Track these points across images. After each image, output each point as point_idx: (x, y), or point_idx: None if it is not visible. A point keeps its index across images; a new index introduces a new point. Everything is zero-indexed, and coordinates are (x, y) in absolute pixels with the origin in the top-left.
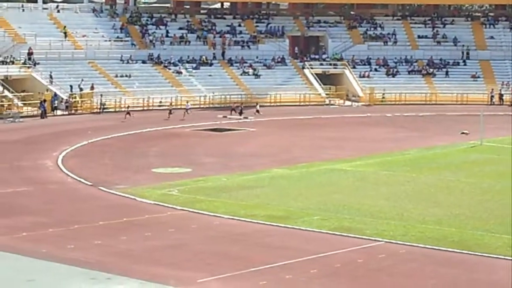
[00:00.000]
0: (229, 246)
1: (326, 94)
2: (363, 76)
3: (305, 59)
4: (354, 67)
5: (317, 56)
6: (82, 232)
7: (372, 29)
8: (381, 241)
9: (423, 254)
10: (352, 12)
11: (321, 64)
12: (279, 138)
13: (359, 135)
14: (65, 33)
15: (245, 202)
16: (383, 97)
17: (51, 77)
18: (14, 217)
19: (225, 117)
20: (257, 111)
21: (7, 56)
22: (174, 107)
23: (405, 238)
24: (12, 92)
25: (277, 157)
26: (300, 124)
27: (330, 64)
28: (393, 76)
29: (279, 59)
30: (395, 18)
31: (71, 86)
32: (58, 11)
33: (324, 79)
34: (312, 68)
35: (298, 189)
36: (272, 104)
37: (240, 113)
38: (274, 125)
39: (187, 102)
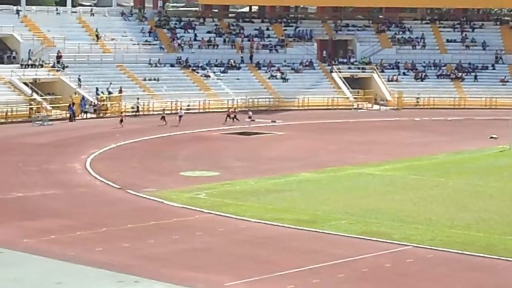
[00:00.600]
0: (256, 249)
1: (354, 98)
2: (392, 80)
3: (333, 63)
4: (382, 71)
5: (345, 60)
6: (110, 235)
7: (400, 33)
8: (409, 245)
9: (451, 259)
10: (380, 16)
11: (349, 68)
12: (307, 142)
13: (387, 139)
14: (97, 36)
15: (273, 206)
16: (417, 101)
17: (79, 80)
18: (42, 220)
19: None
20: (250, 117)
21: (36, 60)
22: (167, 112)
23: (433, 242)
24: (41, 95)
25: (305, 161)
26: (328, 128)
27: (358, 68)
28: (422, 80)
29: (307, 63)
30: (423, 22)
31: (96, 89)
32: (92, 15)
33: (352, 83)
34: (340, 72)
35: (325, 193)
36: (300, 108)
37: (233, 119)
38: (302, 129)
39: (181, 108)
